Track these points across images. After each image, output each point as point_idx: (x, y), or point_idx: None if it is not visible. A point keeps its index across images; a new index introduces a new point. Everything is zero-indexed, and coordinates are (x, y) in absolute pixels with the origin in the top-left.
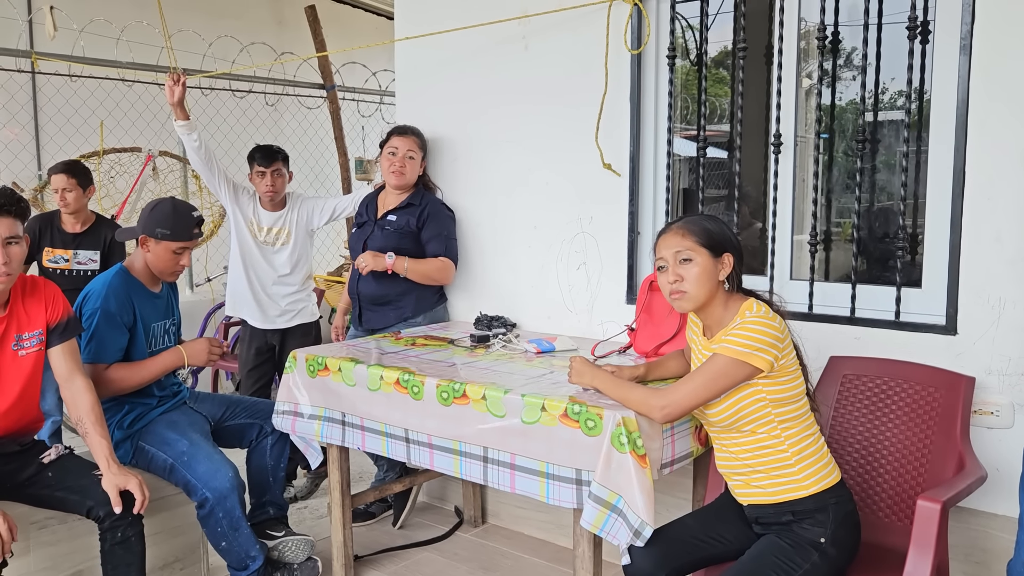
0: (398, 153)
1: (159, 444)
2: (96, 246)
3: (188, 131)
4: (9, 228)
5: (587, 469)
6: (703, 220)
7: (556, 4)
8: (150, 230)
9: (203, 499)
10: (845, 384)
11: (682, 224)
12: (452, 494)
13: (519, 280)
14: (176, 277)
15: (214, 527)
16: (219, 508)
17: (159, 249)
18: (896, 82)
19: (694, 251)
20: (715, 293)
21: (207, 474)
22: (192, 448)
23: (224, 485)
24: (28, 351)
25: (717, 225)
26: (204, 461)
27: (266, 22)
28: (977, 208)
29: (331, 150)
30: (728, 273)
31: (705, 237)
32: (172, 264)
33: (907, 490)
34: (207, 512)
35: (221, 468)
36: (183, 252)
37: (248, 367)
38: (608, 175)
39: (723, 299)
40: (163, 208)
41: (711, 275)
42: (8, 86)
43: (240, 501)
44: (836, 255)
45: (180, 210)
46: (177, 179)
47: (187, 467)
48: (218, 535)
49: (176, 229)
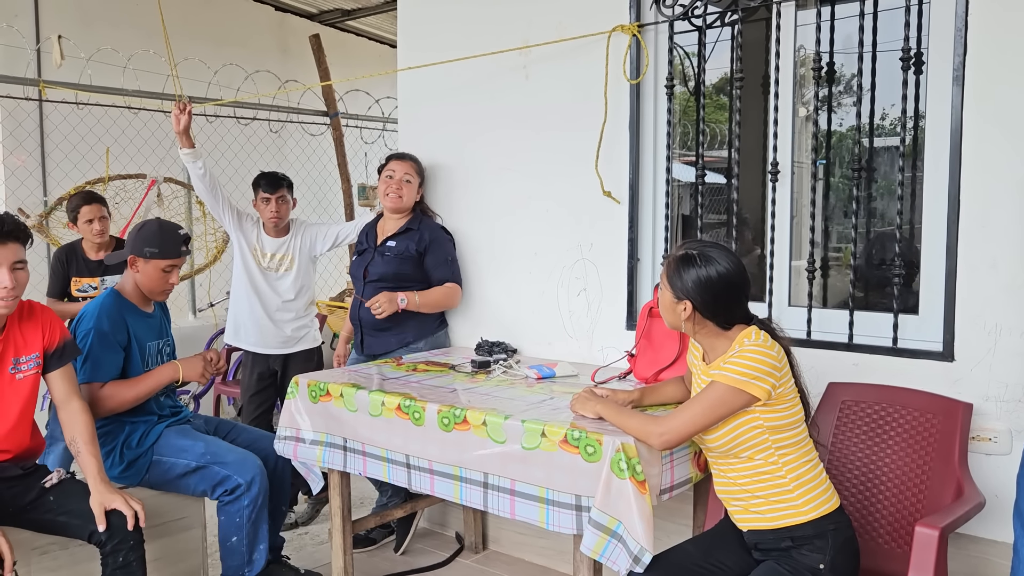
0: (395, 176)
1: (176, 453)
2: (121, 271)
3: (193, 159)
4: (16, 253)
5: (587, 495)
6: (682, 263)
7: (556, 35)
8: (138, 250)
9: (235, 485)
10: (844, 410)
11: (671, 256)
12: (453, 520)
13: (520, 306)
14: (166, 296)
15: (233, 516)
16: (247, 496)
17: (148, 268)
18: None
19: (663, 282)
20: (694, 327)
21: (237, 462)
22: (211, 446)
23: (255, 470)
24: (26, 375)
25: (692, 272)
26: (230, 452)
27: (271, 50)
28: (973, 235)
29: (334, 176)
30: (688, 316)
31: (669, 279)
32: (162, 282)
33: (906, 516)
34: (234, 499)
35: (249, 458)
36: (172, 270)
37: (250, 392)
38: (608, 202)
39: (711, 330)
40: (149, 228)
41: (671, 310)
42: (16, 114)
43: (266, 494)
44: (834, 281)
45: (166, 228)
46: (181, 205)
47: (215, 461)
48: (235, 526)
49: (163, 247)
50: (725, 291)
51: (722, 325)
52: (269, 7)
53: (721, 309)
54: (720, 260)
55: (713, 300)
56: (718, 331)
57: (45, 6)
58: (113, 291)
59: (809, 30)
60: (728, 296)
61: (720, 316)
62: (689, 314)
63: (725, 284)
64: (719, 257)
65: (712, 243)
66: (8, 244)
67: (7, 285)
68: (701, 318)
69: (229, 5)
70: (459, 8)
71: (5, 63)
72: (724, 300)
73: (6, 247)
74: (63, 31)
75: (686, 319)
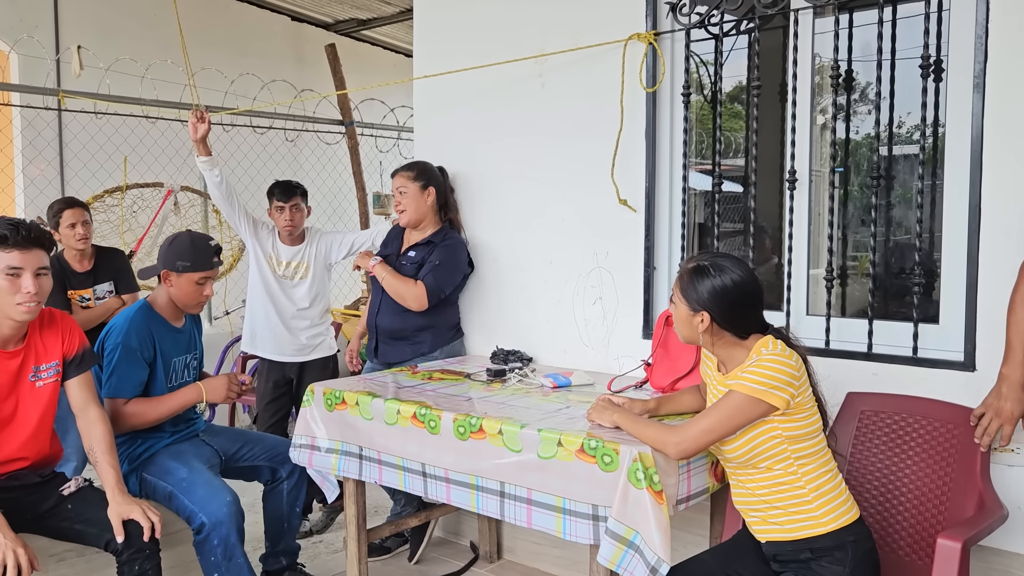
0: (395, 192)
1: (161, 474)
2: (108, 277)
3: (210, 167)
4: (40, 260)
5: (604, 505)
6: (695, 274)
7: (572, 43)
8: (170, 264)
9: (200, 525)
10: (863, 420)
11: (682, 269)
12: (467, 529)
13: (535, 314)
14: (201, 308)
15: (208, 556)
16: (215, 534)
17: (181, 282)
18: (911, 116)
19: (676, 297)
20: (711, 339)
21: (204, 499)
22: (191, 475)
23: (221, 511)
24: (45, 382)
25: (707, 283)
26: (202, 487)
27: (287, 60)
28: (994, 243)
29: (349, 185)
30: (705, 328)
31: (683, 291)
32: (196, 295)
33: (927, 528)
34: (203, 538)
35: (219, 494)
36: (205, 282)
37: (266, 400)
38: (624, 210)
39: (729, 340)
40: (181, 241)
41: (687, 324)
42: (36, 123)
43: (239, 530)
44: (852, 290)
45: (198, 241)
46: (198, 214)
47: (185, 493)
48: (211, 565)
49: (196, 260)
50: (741, 299)
51: (739, 335)
52: (286, 17)
53: (738, 318)
54: (733, 269)
55: (730, 309)
56: (735, 341)
57: (65, 17)
58: (144, 304)
59: (827, 38)
60: (744, 304)
61: (738, 325)
62: (707, 326)
63: (740, 292)
64: (731, 266)
65: (722, 253)
66: (32, 250)
67: (31, 291)
68: (719, 329)
69: (246, 15)
70: (475, 17)
71: (26, 73)
72: (740, 308)
73: (31, 253)
74: (82, 42)
75: (704, 331)
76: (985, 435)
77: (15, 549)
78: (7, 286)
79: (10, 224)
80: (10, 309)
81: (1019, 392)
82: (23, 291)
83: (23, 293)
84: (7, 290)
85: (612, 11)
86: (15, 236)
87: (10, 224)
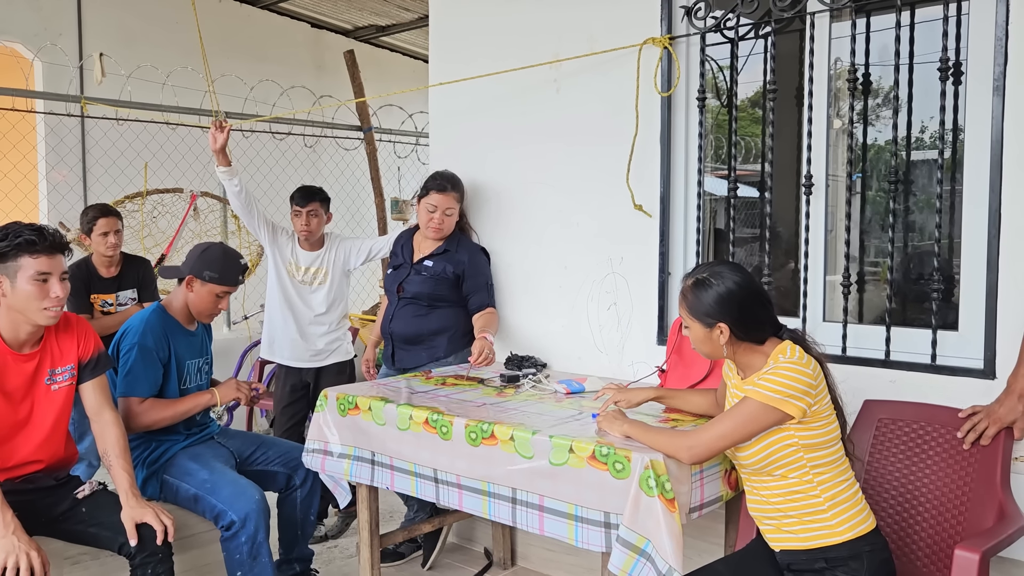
0: (437, 211)
1: (182, 476)
2: (133, 284)
3: (229, 176)
4: (63, 264)
5: (615, 512)
6: (697, 289)
7: (588, 48)
8: (198, 271)
9: (230, 522)
10: (880, 429)
11: (683, 289)
12: (481, 535)
13: (550, 320)
14: (212, 319)
15: (233, 553)
16: (243, 531)
17: (203, 291)
18: (930, 121)
19: (687, 319)
20: (732, 349)
21: (232, 497)
22: (214, 475)
23: (250, 506)
24: (60, 385)
25: (712, 293)
26: (228, 486)
27: (306, 66)
28: (1015, 249)
29: (367, 190)
30: (726, 339)
31: (691, 310)
32: (212, 307)
33: (945, 539)
34: (231, 535)
35: (246, 491)
36: (224, 296)
37: (282, 404)
38: (639, 215)
39: (748, 347)
40: (214, 252)
41: (706, 341)
42: (58, 129)
43: (266, 527)
44: (870, 296)
45: (230, 256)
46: (217, 219)
47: (212, 492)
48: (235, 563)
49: (224, 274)
50: (748, 299)
51: (756, 340)
52: (305, 24)
53: (750, 320)
54: (731, 273)
55: (740, 312)
56: (753, 347)
57: (88, 25)
58: (159, 307)
59: (844, 42)
60: (752, 303)
61: (752, 329)
62: (727, 337)
63: (745, 293)
64: (728, 271)
65: (714, 262)
66: (56, 256)
67: (60, 295)
68: (737, 339)
69: (266, 23)
70: (490, 23)
71: (49, 80)
72: (750, 309)
73: (55, 258)
74: (105, 49)
75: (725, 343)
76: (971, 432)
77: (29, 552)
78: (35, 291)
79: (35, 230)
80: (35, 314)
81: (1015, 401)
82: (51, 296)
83: (51, 298)
84: (35, 295)
85: (627, 16)
86: (43, 242)
87: (35, 230)
